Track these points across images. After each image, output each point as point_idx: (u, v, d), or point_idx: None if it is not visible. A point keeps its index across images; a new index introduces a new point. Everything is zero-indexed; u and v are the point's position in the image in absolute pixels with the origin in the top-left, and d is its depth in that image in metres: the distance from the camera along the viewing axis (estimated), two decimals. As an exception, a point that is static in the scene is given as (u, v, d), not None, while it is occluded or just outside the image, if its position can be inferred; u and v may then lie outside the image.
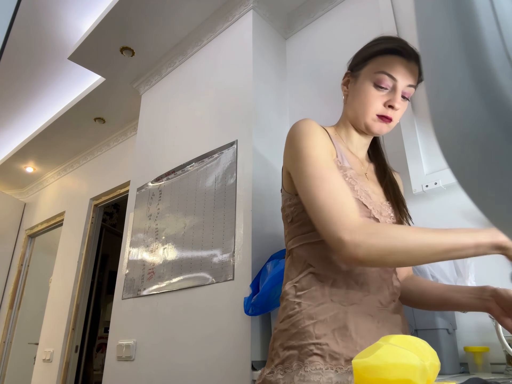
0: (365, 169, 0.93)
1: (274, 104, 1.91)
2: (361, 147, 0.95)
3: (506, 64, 0.16)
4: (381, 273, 0.81)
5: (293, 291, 0.80)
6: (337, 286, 0.77)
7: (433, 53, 0.20)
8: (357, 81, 0.89)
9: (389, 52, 0.85)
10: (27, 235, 4.00)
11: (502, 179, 0.18)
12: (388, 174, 0.95)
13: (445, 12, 0.19)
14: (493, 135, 0.17)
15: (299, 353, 0.72)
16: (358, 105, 0.88)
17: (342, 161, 0.85)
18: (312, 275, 0.79)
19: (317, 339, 0.72)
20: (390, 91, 0.85)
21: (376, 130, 0.88)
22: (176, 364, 1.57)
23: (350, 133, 0.94)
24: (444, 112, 0.20)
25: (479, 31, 0.17)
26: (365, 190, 0.84)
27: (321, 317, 0.74)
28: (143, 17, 2.11)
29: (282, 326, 0.79)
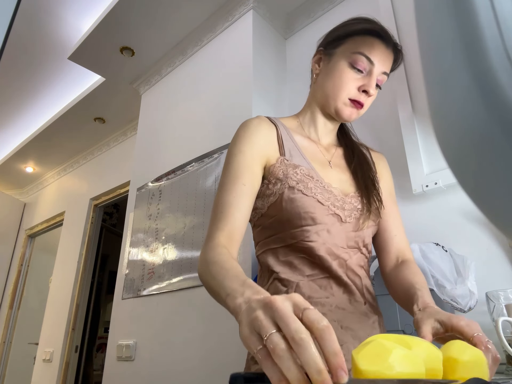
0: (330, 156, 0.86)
1: (274, 104, 1.91)
2: (326, 133, 0.89)
3: (506, 64, 0.16)
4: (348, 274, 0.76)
5: None
6: (300, 291, 0.73)
7: (433, 53, 0.20)
8: (331, 60, 0.82)
9: (369, 33, 0.80)
10: (27, 235, 4.00)
11: (502, 179, 0.18)
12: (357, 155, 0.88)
13: (445, 12, 0.19)
14: (493, 135, 0.17)
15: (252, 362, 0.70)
16: (330, 86, 0.81)
17: (291, 158, 0.79)
18: (277, 281, 0.76)
19: None
20: (365, 76, 0.79)
21: (346, 116, 0.81)
22: (176, 364, 1.57)
23: (316, 117, 0.87)
24: (444, 112, 0.20)
25: (479, 31, 0.17)
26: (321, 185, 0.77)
27: None
28: (143, 17, 2.11)
29: None
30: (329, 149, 0.88)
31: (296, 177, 0.76)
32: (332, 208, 0.76)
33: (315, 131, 0.88)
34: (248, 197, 0.74)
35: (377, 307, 0.82)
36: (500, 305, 0.95)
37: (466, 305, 1.00)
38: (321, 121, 0.88)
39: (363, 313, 0.76)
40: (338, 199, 0.78)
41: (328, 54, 0.84)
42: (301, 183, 0.76)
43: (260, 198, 0.79)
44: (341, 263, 0.76)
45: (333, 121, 0.88)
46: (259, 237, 0.82)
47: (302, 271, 0.75)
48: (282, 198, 0.76)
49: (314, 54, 0.88)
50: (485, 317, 1.03)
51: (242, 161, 0.76)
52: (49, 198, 3.90)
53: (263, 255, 0.81)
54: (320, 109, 0.87)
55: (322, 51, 0.86)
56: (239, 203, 0.72)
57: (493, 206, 0.21)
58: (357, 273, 0.78)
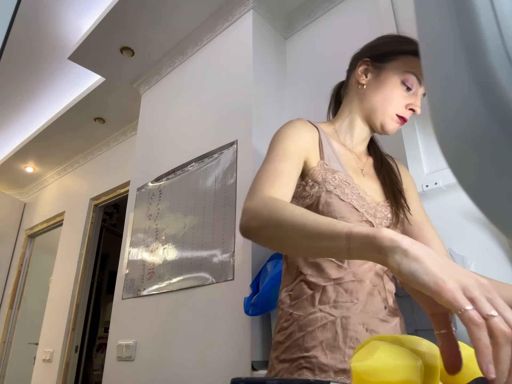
0: (362, 165, 0.89)
1: (274, 103, 1.91)
2: (360, 142, 0.91)
3: (506, 64, 0.16)
4: (371, 279, 0.79)
5: (288, 300, 0.80)
6: (327, 295, 0.76)
7: (434, 53, 0.20)
8: (381, 74, 0.85)
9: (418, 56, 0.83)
10: (27, 235, 4.00)
11: (502, 179, 0.18)
12: (385, 164, 0.92)
13: (445, 12, 0.19)
14: (493, 134, 0.17)
15: (290, 366, 0.73)
16: (380, 99, 0.84)
17: (329, 163, 0.82)
18: (304, 283, 0.78)
19: (306, 352, 0.72)
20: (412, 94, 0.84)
21: (389, 130, 0.86)
22: (176, 364, 1.57)
23: (354, 125, 0.90)
24: (445, 112, 0.20)
25: (479, 31, 0.17)
26: (357, 192, 0.80)
27: (309, 329, 0.73)
28: (143, 17, 2.11)
29: (278, 337, 0.79)
30: (361, 157, 0.91)
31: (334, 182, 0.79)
32: (365, 215, 0.79)
33: (351, 139, 0.91)
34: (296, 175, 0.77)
35: (397, 310, 0.84)
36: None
37: (466, 305, 0.99)
38: (358, 130, 0.90)
39: (385, 317, 0.78)
40: (371, 206, 0.81)
41: (377, 66, 0.86)
42: (338, 188, 0.79)
43: (295, 199, 0.82)
44: (370, 267, 0.78)
45: (369, 131, 0.91)
46: None
47: (329, 274, 0.77)
48: (319, 201, 0.78)
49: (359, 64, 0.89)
50: (485, 317, 1.03)
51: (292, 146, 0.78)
52: (49, 198, 3.90)
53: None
54: (361, 118, 0.89)
55: (369, 62, 0.88)
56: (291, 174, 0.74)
57: (493, 206, 0.21)
58: (382, 278, 0.80)
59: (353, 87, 0.91)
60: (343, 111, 0.92)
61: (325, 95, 1.85)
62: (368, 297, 0.77)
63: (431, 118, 0.22)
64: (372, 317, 0.76)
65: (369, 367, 0.34)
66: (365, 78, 0.88)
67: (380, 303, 0.78)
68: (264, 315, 1.39)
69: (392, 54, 0.85)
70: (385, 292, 0.80)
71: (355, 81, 0.90)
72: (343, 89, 0.97)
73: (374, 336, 0.40)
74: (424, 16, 0.21)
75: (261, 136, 1.74)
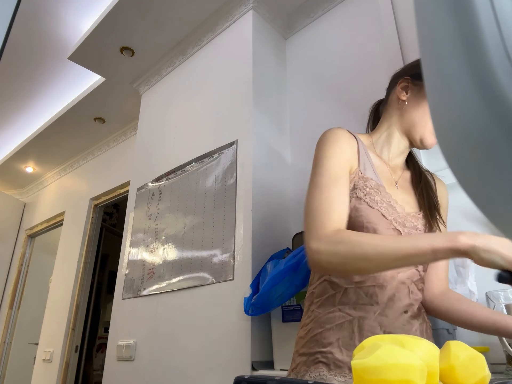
0: (397, 177, 0.93)
1: (274, 103, 1.91)
2: (397, 155, 0.94)
3: (506, 64, 0.16)
4: (394, 286, 0.81)
5: (311, 298, 0.85)
6: (347, 296, 0.79)
7: (434, 53, 0.20)
8: (422, 91, 0.89)
9: None
10: (27, 235, 4.00)
11: (502, 179, 0.18)
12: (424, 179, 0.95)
13: (445, 12, 0.19)
14: (493, 135, 0.17)
15: (307, 359, 0.78)
16: (420, 115, 0.88)
17: (364, 171, 0.85)
18: (327, 283, 0.83)
19: (323, 348, 0.76)
20: None
21: (429, 144, 0.89)
22: (176, 364, 1.57)
23: (393, 138, 0.93)
24: (445, 112, 0.20)
25: (479, 31, 0.17)
26: (387, 200, 0.84)
27: (328, 326, 0.78)
28: (143, 17, 2.11)
29: (300, 333, 0.84)
30: (396, 170, 0.94)
31: (365, 189, 0.83)
32: (393, 223, 0.82)
33: (388, 151, 0.94)
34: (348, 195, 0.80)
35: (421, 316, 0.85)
36: (500, 305, 0.95)
37: (466, 305, 1.00)
38: (395, 143, 0.93)
39: (404, 322, 0.80)
40: (400, 216, 0.84)
41: (417, 84, 0.90)
42: (368, 195, 0.82)
43: None
44: (392, 276, 0.81)
45: (407, 145, 0.94)
46: None
47: (352, 277, 0.81)
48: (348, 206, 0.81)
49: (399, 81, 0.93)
50: (485, 317, 1.02)
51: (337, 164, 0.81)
52: (49, 198, 3.90)
53: None
54: (400, 132, 0.92)
55: (409, 80, 0.92)
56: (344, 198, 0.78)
57: (493, 206, 0.21)
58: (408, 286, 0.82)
59: (393, 103, 0.95)
60: (382, 125, 0.96)
61: (326, 95, 1.85)
62: (389, 302, 0.79)
63: (431, 118, 0.22)
64: (390, 320, 0.79)
65: (367, 365, 0.34)
66: (406, 95, 0.92)
67: (401, 309, 0.81)
68: (264, 315, 1.39)
69: None
70: (409, 299, 0.82)
71: (396, 98, 0.94)
72: (382, 105, 1.01)
73: (374, 336, 0.40)
74: (424, 16, 0.21)
75: (261, 136, 1.74)
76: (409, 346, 0.38)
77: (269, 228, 1.61)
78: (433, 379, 0.39)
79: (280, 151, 1.85)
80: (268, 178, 1.70)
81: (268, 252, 1.51)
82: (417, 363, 0.35)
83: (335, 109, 1.76)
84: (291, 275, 1.22)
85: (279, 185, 1.76)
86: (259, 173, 1.65)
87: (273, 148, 1.80)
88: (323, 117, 1.81)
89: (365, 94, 1.66)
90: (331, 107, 1.79)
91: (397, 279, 0.81)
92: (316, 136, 0.87)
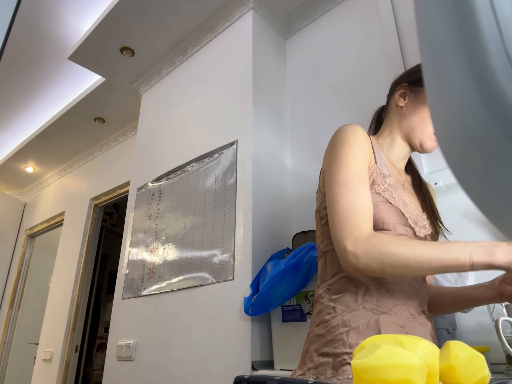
0: (403, 180, 0.95)
1: (274, 104, 1.91)
2: (401, 159, 0.97)
3: (506, 64, 0.16)
4: (411, 283, 0.82)
5: (328, 295, 0.82)
6: (369, 294, 0.79)
7: (434, 53, 0.20)
8: (418, 97, 0.91)
9: None
10: (27, 235, 4.00)
11: (502, 179, 0.18)
12: (424, 185, 0.99)
13: (445, 13, 0.19)
14: (493, 135, 0.17)
15: (333, 361, 0.74)
16: (418, 120, 0.90)
17: (381, 168, 0.87)
18: (346, 280, 0.81)
19: (350, 348, 0.74)
20: None
21: (428, 148, 0.91)
22: (176, 364, 1.57)
23: (395, 143, 0.95)
24: (445, 113, 0.20)
25: (479, 32, 0.17)
26: (402, 198, 0.85)
27: (354, 324, 0.76)
28: (143, 17, 2.11)
29: (318, 330, 0.80)
30: (401, 174, 0.97)
31: (383, 185, 0.84)
32: (409, 221, 0.83)
33: (393, 154, 0.96)
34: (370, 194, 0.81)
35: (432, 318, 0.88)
36: (500, 305, 0.95)
37: (466, 305, 1.00)
38: (398, 148, 0.95)
39: (422, 322, 0.82)
40: (414, 214, 0.86)
41: (414, 90, 0.93)
42: (387, 191, 0.83)
43: None
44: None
45: (408, 150, 0.96)
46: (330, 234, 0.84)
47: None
48: None
49: (397, 88, 0.96)
50: (485, 317, 1.03)
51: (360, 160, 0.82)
52: (49, 198, 3.90)
53: (333, 252, 0.84)
54: (401, 137, 0.95)
55: (407, 87, 0.94)
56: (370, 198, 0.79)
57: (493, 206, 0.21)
58: (420, 283, 0.85)
59: (392, 109, 0.97)
60: (384, 130, 0.98)
61: (325, 95, 1.85)
62: (407, 300, 0.80)
63: (431, 119, 0.22)
64: (411, 320, 0.79)
65: (367, 365, 0.34)
66: (403, 101, 0.94)
67: (418, 308, 0.82)
68: (264, 315, 1.39)
69: None
70: (422, 297, 0.84)
71: (395, 104, 0.96)
72: (384, 111, 1.03)
73: (374, 336, 0.40)
74: (423, 17, 0.21)
75: (261, 136, 1.74)
76: (409, 346, 0.38)
77: (269, 228, 1.61)
78: (433, 379, 0.39)
79: (280, 151, 1.85)
80: (268, 178, 1.70)
81: (268, 252, 1.51)
82: (417, 363, 0.35)
83: (335, 108, 1.76)
84: (291, 275, 1.23)
85: (279, 185, 1.76)
86: (259, 173, 1.65)
87: (273, 148, 1.80)
88: (323, 116, 1.81)
89: (365, 94, 1.66)
90: (331, 106, 1.79)
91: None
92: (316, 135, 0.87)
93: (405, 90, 0.94)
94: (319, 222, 0.90)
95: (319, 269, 0.89)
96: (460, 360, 0.42)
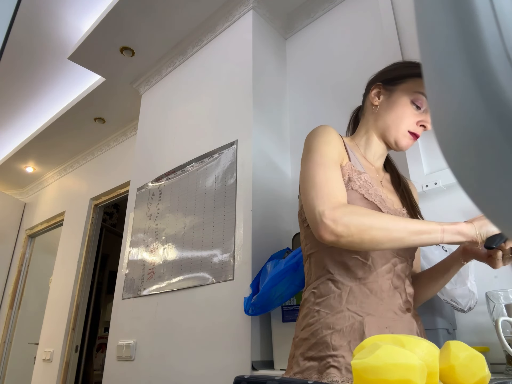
0: (381, 178, 0.95)
1: (274, 104, 1.91)
2: (378, 157, 0.98)
3: (506, 64, 0.16)
4: (393, 281, 0.82)
5: (312, 298, 0.82)
6: (353, 295, 0.78)
7: (433, 53, 0.20)
8: (392, 95, 0.93)
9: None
10: (27, 235, 4.00)
11: (502, 179, 0.18)
12: (403, 181, 0.99)
13: (445, 12, 0.19)
14: (493, 135, 0.17)
15: (318, 365, 0.74)
16: (392, 118, 0.91)
17: (355, 165, 0.88)
18: (330, 282, 0.81)
19: (334, 351, 0.74)
20: (421, 112, 0.91)
21: (403, 145, 0.92)
22: (176, 364, 1.57)
23: (372, 141, 0.96)
24: (444, 112, 0.20)
25: (479, 32, 0.17)
26: (379, 194, 0.86)
27: (338, 327, 0.76)
28: (143, 17, 2.11)
29: (303, 334, 0.80)
30: (379, 172, 0.97)
31: (359, 182, 0.84)
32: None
33: (370, 153, 0.97)
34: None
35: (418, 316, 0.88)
36: (500, 305, 0.95)
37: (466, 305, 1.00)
38: (375, 147, 0.97)
39: (408, 320, 0.81)
40: (391, 209, 0.86)
41: (388, 89, 0.94)
42: (363, 188, 0.84)
43: None
44: (390, 268, 0.82)
45: (385, 148, 0.97)
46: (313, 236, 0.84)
47: (355, 273, 0.81)
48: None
49: (372, 88, 0.97)
50: (485, 317, 1.03)
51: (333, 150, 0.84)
52: (49, 198, 3.90)
53: (317, 254, 0.85)
54: (377, 136, 0.96)
55: (381, 85, 0.95)
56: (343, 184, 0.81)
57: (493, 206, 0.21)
58: (403, 281, 0.85)
59: (368, 108, 0.98)
60: (360, 130, 0.99)
61: (325, 95, 1.85)
62: (391, 299, 0.80)
63: (431, 118, 0.22)
64: (396, 320, 0.79)
65: (367, 365, 0.34)
66: (378, 100, 0.95)
67: (403, 306, 0.82)
68: (264, 315, 1.39)
69: (401, 77, 0.93)
70: (406, 295, 0.84)
71: (370, 103, 0.97)
72: (360, 111, 1.04)
73: (374, 336, 0.40)
74: (423, 16, 0.21)
75: (261, 136, 1.74)
76: (409, 346, 0.38)
77: (269, 228, 1.61)
78: (433, 379, 0.39)
79: (280, 151, 1.85)
80: (268, 178, 1.70)
81: (268, 252, 1.51)
82: (417, 363, 0.35)
83: (335, 108, 1.76)
84: (291, 275, 1.22)
85: (279, 185, 1.76)
86: (259, 173, 1.65)
87: (273, 148, 1.80)
88: (323, 116, 1.81)
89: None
90: (330, 106, 1.79)
91: (394, 271, 0.83)
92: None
93: (380, 89, 0.95)
94: (302, 225, 0.91)
95: (305, 273, 0.89)
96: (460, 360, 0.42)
